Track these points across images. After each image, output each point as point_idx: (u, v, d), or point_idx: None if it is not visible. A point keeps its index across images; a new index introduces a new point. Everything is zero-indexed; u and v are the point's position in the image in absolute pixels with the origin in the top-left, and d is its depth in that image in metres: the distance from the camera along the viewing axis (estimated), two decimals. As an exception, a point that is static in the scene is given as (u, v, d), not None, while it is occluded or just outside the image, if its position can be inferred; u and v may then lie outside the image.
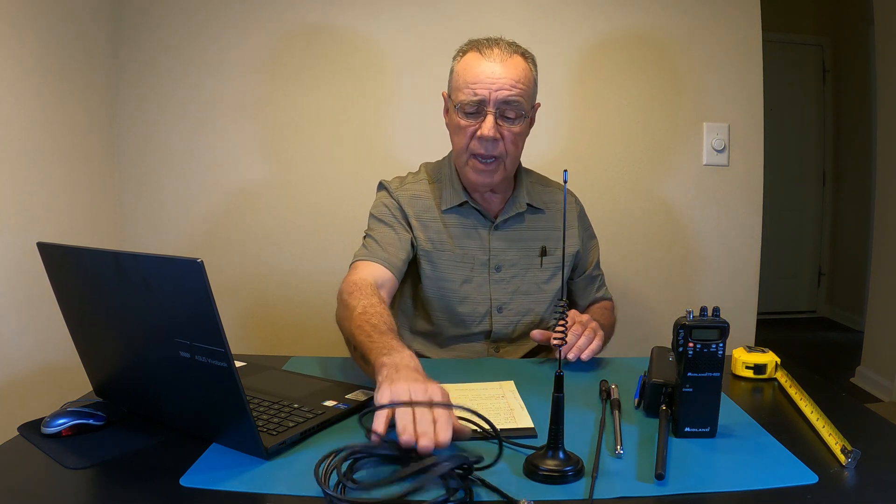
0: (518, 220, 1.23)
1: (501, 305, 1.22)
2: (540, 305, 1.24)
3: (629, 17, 1.82)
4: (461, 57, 1.14)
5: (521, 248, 1.23)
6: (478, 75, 1.08)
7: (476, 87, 1.08)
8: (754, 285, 1.90)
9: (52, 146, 1.52)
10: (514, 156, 1.15)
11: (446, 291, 1.21)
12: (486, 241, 1.21)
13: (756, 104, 1.85)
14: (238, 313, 1.86)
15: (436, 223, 1.21)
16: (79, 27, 1.62)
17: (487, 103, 1.08)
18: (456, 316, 1.21)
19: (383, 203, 1.23)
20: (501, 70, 1.08)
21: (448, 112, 1.19)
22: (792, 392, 0.90)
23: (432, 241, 1.20)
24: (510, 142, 1.12)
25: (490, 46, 1.11)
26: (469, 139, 1.12)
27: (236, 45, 1.79)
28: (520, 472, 0.67)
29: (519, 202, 1.23)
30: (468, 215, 1.22)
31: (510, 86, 1.08)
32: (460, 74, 1.12)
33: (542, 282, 1.24)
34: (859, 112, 3.95)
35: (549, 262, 1.24)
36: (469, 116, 1.11)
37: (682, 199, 1.88)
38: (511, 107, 1.09)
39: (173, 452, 0.73)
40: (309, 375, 1.02)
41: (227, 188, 1.83)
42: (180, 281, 0.66)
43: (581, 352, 1.00)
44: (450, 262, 1.20)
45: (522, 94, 1.10)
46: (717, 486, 0.65)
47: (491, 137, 1.09)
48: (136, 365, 0.80)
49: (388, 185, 1.25)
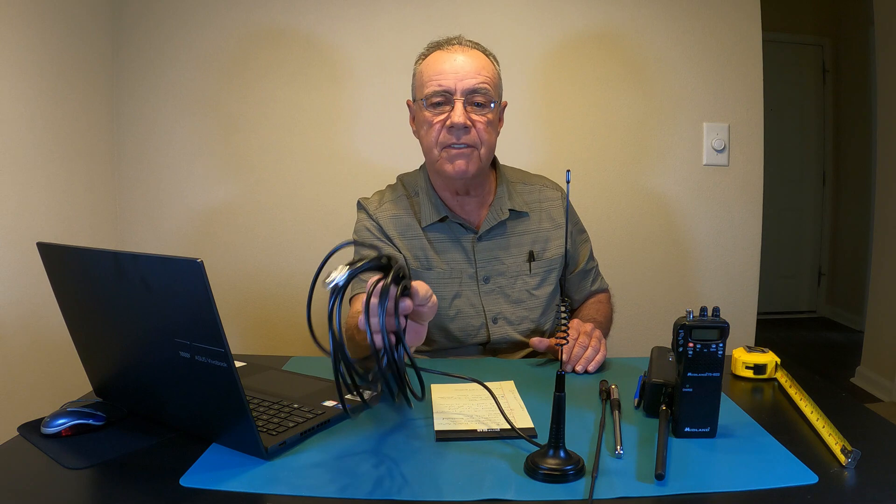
0: (501, 228, 1.19)
1: (496, 316, 1.19)
2: (534, 312, 1.21)
3: (629, 17, 1.82)
4: (422, 59, 1.14)
5: (508, 257, 1.20)
6: (442, 69, 1.08)
7: (440, 78, 1.07)
8: (754, 285, 1.90)
9: (52, 146, 1.52)
10: (488, 145, 1.11)
11: (438, 309, 1.19)
12: (471, 254, 1.18)
13: (756, 104, 1.85)
14: (238, 313, 1.86)
15: (419, 240, 1.18)
16: (79, 27, 1.62)
17: (454, 92, 1.07)
18: (451, 332, 1.19)
19: (364, 227, 1.21)
20: (464, 60, 1.08)
21: (414, 118, 1.17)
22: (792, 392, 0.90)
23: (418, 258, 1.18)
24: (482, 130, 1.09)
25: (451, 43, 1.11)
26: (439, 131, 1.09)
27: (237, 45, 1.79)
28: (520, 470, 0.67)
29: (501, 209, 1.19)
30: (450, 229, 1.19)
31: (475, 74, 1.07)
32: (424, 73, 1.11)
33: (533, 288, 1.21)
34: (859, 112, 3.95)
35: (538, 267, 1.21)
36: (436, 108, 1.09)
37: (682, 199, 1.88)
38: (479, 94, 1.08)
39: (173, 452, 0.73)
40: (309, 375, 1.02)
41: (227, 188, 1.83)
42: (180, 281, 0.66)
43: (588, 363, 1.02)
44: (437, 279, 1.17)
45: (488, 82, 1.09)
46: (717, 486, 0.65)
47: (462, 124, 1.06)
48: (136, 365, 0.80)
49: (367, 206, 1.22)
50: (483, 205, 1.21)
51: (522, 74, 1.82)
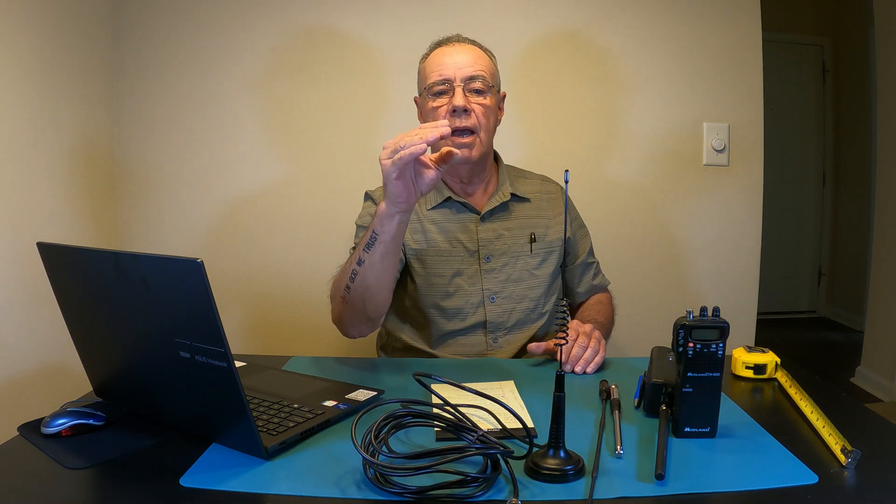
0: (504, 210, 1.27)
1: (494, 294, 1.24)
2: (534, 291, 1.26)
3: (629, 17, 1.82)
4: (425, 57, 1.24)
5: (510, 237, 1.26)
6: (442, 61, 1.19)
7: (441, 69, 1.18)
8: (754, 285, 1.90)
9: (52, 146, 1.52)
10: (487, 129, 1.20)
11: (438, 287, 1.23)
12: (474, 234, 1.24)
13: (756, 104, 1.85)
14: (238, 313, 1.86)
15: (421, 223, 1.25)
16: (79, 27, 1.62)
17: (454, 80, 1.17)
18: (449, 309, 1.23)
19: (368, 213, 1.28)
20: (462, 54, 1.19)
21: (421, 112, 1.26)
22: (792, 392, 0.90)
23: (418, 241, 1.25)
24: (481, 114, 1.18)
25: (450, 40, 1.23)
26: (442, 118, 1.18)
27: (236, 45, 1.79)
28: (520, 470, 0.67)
29: (503, 192, 1.27)
30: (453, 210, 1.26)
31: (472, 63, 1.18)
32: (426, 67, 1.22)
33: (534, 267, 1.26)
34: (859, 112, 3.95)
35: (539, 248, 1.27)
36: (439, 96, 1.18)
37: (682, 199, 1.88)
38: (477, 80, 1.17)
39: (173, 452, 0.73)
40: (309, 375, 1.02)
41: (227, 188, 1.83)
42: (180, 281, 0.66)
43: (588, 364, 1.03)
44: (438, 258, 1.24)
45: (485, 70, 1.19)
46: (717, 486, 0.65)
47: (462, 107, 1.15)
48: (136, 365, 0.80)
49: (373, 195, 1.31)
50: (486, 191, 1.29)
51: (521, 74, 1.82)
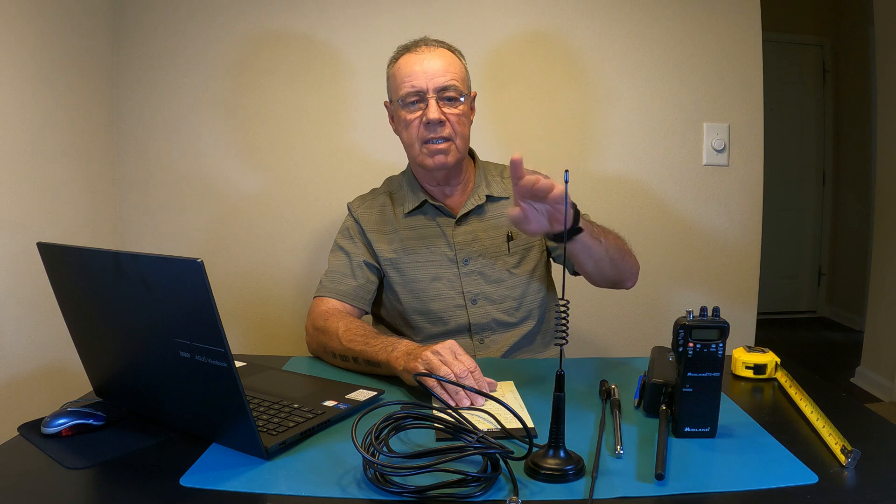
0: (479, 212, 1.27)
1: (475, 297, 1.23)
2: (515, 290, 1.25)
3: (629, 17, 1.82)
4: (394, 62, 1.22)
5: (487, 238, 1.25)
6: (413, 70, 1.16)
7: (412, 79, 1.16)
8: (754, 285, 1.90)
9: (52, 146, 1.52)
10: (462, 136, 1.20)
11: (418, 293, 1.24)
12: (450, 238, 1.24)
13: (756, 104, 1.85)
14: (238, 313, 1.86)
15: (397, 232, 1.26)
16: (79, 27, 1.62)
17: (427, 91, 1.16)
18: (432, 314, 1.23)
19: (347, 227, 1.31)
20: (431, 61, 1.17)
21: (393, 118, 1.26)
22: (792, 392, 0.90)
23: (395, 249, 1.25)
24: (456, 122, 1.18)
25: (417, 45, 1.20)
26: (417, 128, 1.18)
27: (237, 46, 1.79)
28: (520, 470, 0.67)
29: (479, 195, 1.27)
30: (429, 216, 1.26)
31: (443, 72, 1.16)
32: (396, 75, 1.20)
33: (513, 266, 1.25)
34: (859, 112, 3.95)
35: (517, 245, 1.26)
36: (413, 107, 1.18)
37: (682, 199, 1.88)
38: (450, 90, 1.16)
39: (173, 452, 0.73)
40: (309, 375, 1.02)
41: (227, 188, 1.83)
42: (180, 281, 0.66)
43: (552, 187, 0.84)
44: (415, 265, 1.24)
45: (456, 78, 1.18)
46: (717, 486, 0.65)
47: (437, 119, 1.15)
48: (136, 365, 0.80)
49: (351, 207, 1.33)
50: (465, 191, 1.29)
51: (520, 73, 1.82)
